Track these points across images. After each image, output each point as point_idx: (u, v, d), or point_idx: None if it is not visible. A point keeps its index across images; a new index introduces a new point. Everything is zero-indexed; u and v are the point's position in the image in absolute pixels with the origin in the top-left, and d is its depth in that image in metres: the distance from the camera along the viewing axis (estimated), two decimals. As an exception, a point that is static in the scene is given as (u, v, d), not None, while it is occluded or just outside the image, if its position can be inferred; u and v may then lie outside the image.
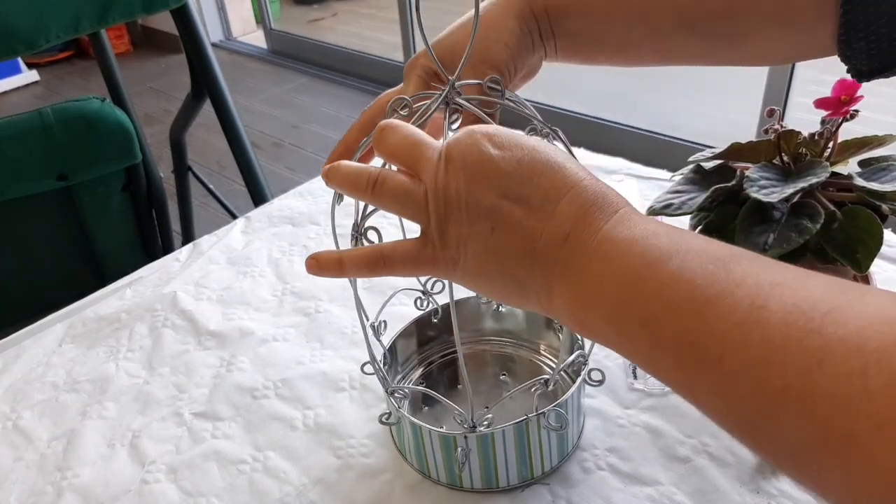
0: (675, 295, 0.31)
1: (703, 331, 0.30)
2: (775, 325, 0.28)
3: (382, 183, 0.39)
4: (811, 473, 0.27)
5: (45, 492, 0.56)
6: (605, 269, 0.34)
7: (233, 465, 0.56)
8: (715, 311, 0.30)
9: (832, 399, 0.25)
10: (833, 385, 0.25)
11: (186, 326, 0.72)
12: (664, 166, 0.85)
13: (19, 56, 1.02)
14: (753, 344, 0.28)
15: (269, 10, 3.83)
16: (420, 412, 0.59)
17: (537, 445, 0.51)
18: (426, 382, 0.62)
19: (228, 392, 0.63)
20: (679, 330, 0.31)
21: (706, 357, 0.30)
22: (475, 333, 0.65)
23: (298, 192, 0.94)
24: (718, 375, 0.29)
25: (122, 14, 1.02)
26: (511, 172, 0.37)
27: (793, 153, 0.58)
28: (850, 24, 0.44)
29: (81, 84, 3.68)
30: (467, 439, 0.49)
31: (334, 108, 3.19)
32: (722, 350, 0.29)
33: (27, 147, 0.99)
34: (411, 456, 0.54)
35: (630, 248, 0.34)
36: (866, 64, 0.45)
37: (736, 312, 0.29)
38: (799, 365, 0.26)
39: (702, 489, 0.51)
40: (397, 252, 0.40)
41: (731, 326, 0.29)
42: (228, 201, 1.46)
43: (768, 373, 0.27)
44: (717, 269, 0.31)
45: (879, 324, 0.25)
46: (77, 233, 1.11)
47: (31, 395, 0.65)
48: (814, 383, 0.26)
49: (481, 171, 0.37)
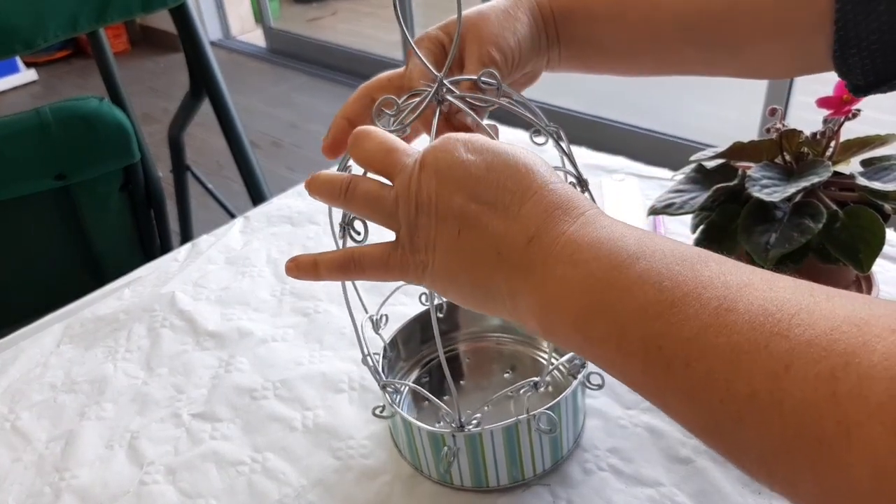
0: (640, 298, 0.31)
1: (670, 335, 0.29)
2: (742, 329, 0.27)
3: (354, 188, 0.40)
4: (782, 479, 0.27)
5: (43, 493, 0.55)
6: (570, 273, 0.34)
7: (231, 467, 0.56)
8: (681, 314, 0.29)
9: (800, 404, 0.25)
10: (801, 390, 0.25)
11: (185, 327, 0.71)
12: (666, 165, 0.85)
13: (17, 55, 1.02)
14: (720, 348, 0.28)
15: (269, 9, 3.83)
16: (422, 407, 0.59)
17: (528, 447, 0.50)
18: (428, 378, 0.62)
19: (227, 393, 0.63)
20: (646, 334, 0.30)
21: (673, 362, 0.29)
22: (481, 329, 0.65)
23: (297, 191, 0.93)
24: (686, 381, 0.29)
25: (121, 13, 1.01)
26: (480, 176, 0.37)
27: (795, 152, 0.58)
28: (843, 39, 0.44)
29: (80, 83, 3.67)
30: (455, 438, 0.49)
31: (334, 107, 3.17)
32: (688, 354, 0.29)
33: (25, 146, 0.99)
34: (405, 450, 0.55)
35: (595, 252, 0.33)
36: (862, 79, 0.45)
37: (703, 315, 0.29)
38: (766, 369, 0.26)
39: (703, 490, 0.51)
40: (367, 256, 0.41)
41: (698, 330, 0.28)
42: (227, 201, 1.45)
43: (736, 378, 0.27)
44: (684, 269, 0.31)
45: (847, 325, 0.25)
46: (75, 232, 1.11)
47: (30, 395, 0.65)
48: (781, 389, 0.25)
49: (451, 175, 0.37)
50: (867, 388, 0.23)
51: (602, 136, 2.47)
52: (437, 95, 0.43)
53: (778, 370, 0.26)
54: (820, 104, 0.58)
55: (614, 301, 0.32)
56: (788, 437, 0.25)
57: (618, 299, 0.32)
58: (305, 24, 4.22)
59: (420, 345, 0.63)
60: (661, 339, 0.30)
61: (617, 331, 0.32)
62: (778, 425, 0.25)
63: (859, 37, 0.43)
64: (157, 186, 1.17)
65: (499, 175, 0.37)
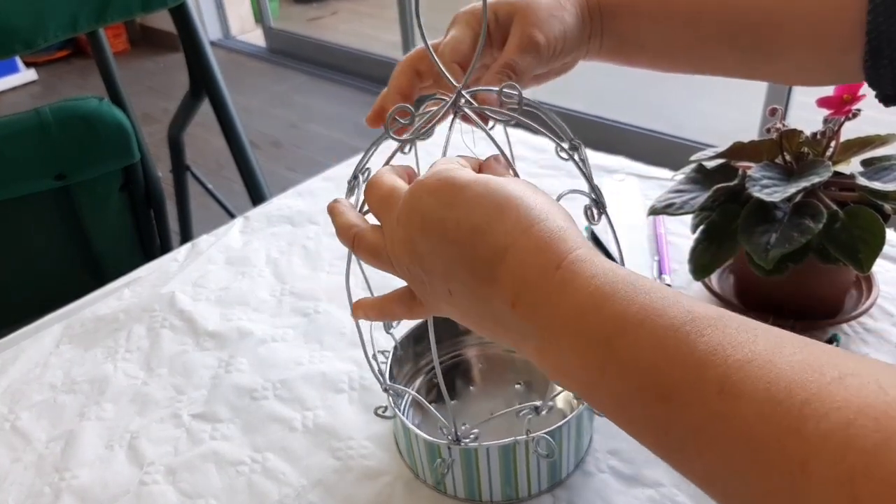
0: (637, 379, 0.29)
1: (674, 421, 0.28)
2: (751, 421, 0.26)
3: (360, 241, 0.40)
4: None
5: (43, 493, 0.55)
6: (559, 348, 0.32)
7: (231, 467, 0.56)
8: (681, 400, 0.28)
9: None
10: (820, 491, 0.24)
11: (185, 327, 0.71)
12: (666, 165, 0.85)
13: (17, 55, 1.02)
14: (732, 440, 0.26)
15: (269, 9, 3.83)
16: (428, 410, 0.58)
17: (524, 468, 0.49)
18: (435, 381, 0.61)
19: (227, 393, 0.63)
20: (650, 418, 0.29)
21: (685, 446, 0.28)
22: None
23: (297, 191, 0.93)
24: (701, 468, 0.28)
25: (121, 13, 1.01)
26: (454, 239, 0.35)
27: (795, 152, 0.58)
28: (875, 50, 0.45)
29: (79, 83, 3.67)
30: (451, 450, 0.49)
31: (334, 107, 3.19)
32: (698, 446, 0.27)
33: (25, 146, 0.99)
34: (404, 453, 0.55)
35: (578, 323, 0.31)
36: (891, 88, 0.46)
37: (706, 403, 0.27)
38: (782, 468, 0.25)
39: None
40: (398, 308, 0.42)
41: (704, 420, 0.27)
42: (227, 201, 1.45)
43: (752, 473, 0.26)
44: (679, 344, 0.28)
45: (864, 419, 0.24)
46: (75, 233, 1.11)
47: (29, 395, 0.65)
48: (799, 489, 0.24)
49: (429, 234, 0.36)
50: (890, 496, 0.22)
51: (602, 136, 2.47)
52: (455, 106, 0.42)
53: (793, 470, 0.24)
54: (820, 104, 0.58)
55: (610, 380, 0.30)
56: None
57: (614, 378, 0.30)
58: (305, 24, 4.22)
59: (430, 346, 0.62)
60: (667, 426, 0.28)
61: (622, 409, 0.30)
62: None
63: (892, 46, 0.44)
64: (156, 186, 1.17)
65: (470, 234, 0.35)
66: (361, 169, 0.46)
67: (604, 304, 0.31)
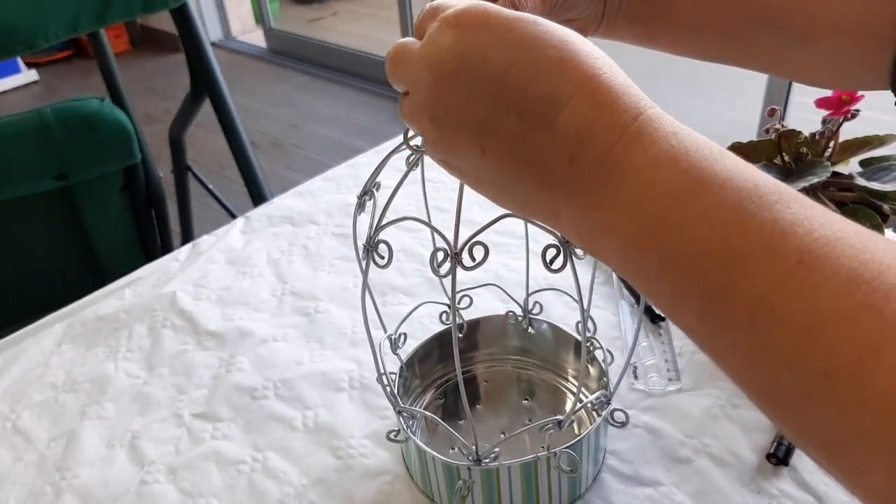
0: (703, 241, 0.26)
1: (735, 288, 0.25)
2: (826, 294, 0.23)
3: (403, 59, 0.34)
4: (846, 468, 0.24)
5: (44, 492, 0.55)
6: (618, 202, 0.29)
7: (232, 466, 0.56)
8: (750, 266, 0.25)
9: (886, 394, 0.21)
10: (888, 377, 0.21)
11: (185, 327, 0.72)
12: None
13: (18, 55, 1.02)
14: (796, 314, 0.23)
15: (269, 10, 3.83)
16: (437, 430, 0.56)
17: (546, 485, 0.48)
18: (444, 399, 0.60)
19: (228, 392, 0.63)
20: (705, 283, 0.26)
21: (736, 318, 0.25)
22: (501, 351, 0.62)
23: (298, 191, 0.94)
24: (748, 341, 0.25)
25: (122, 13, 1.01)
26: (501, 80, 0.30)
27: (794, 153, 0.58)
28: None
29: (80, 83, 3.68)
30: (471, 471, 0.47)
31: (334, 107, 3.19)
32: (755, 314, 0.25)
33: (26, 147, 0.99)
34: (417, 477, 0.53)
35: (649, 177, 0.28)
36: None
37: (777, 271, 0.24)
38: (850, 347, 0.22)
39: (702, 490, 0.51)
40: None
41: (771, 288, 0.24)
42: (228, 201, 1.46)
43: (810, 350, 0.23)
44: (761, 210, 0.25)
45: None
46: (76, 233, 1.11)
47: (31, 395, 0.65)
48: (865, 372, 0.22)
49: (462, 77, 0.31)
50: None
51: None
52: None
53: (864, 351, 0.22)
54: (819, 104, 0.58)
55: (669, 238, 0.27)
56: (865, 427, 0.22)
57: (674, 238, 0.27)
58: (306, 25, 4.22)
59: (437, 364, 0.60)
60: (724, 291, 0.25)
61: (671, 272, 0.27)
62: (854, 411, 0.22)
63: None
64: (157, 187, 1.17)
65: (522, 78, 0.30)
66: (373, 184, 0.44)
67: (687, 152, 0.28)
